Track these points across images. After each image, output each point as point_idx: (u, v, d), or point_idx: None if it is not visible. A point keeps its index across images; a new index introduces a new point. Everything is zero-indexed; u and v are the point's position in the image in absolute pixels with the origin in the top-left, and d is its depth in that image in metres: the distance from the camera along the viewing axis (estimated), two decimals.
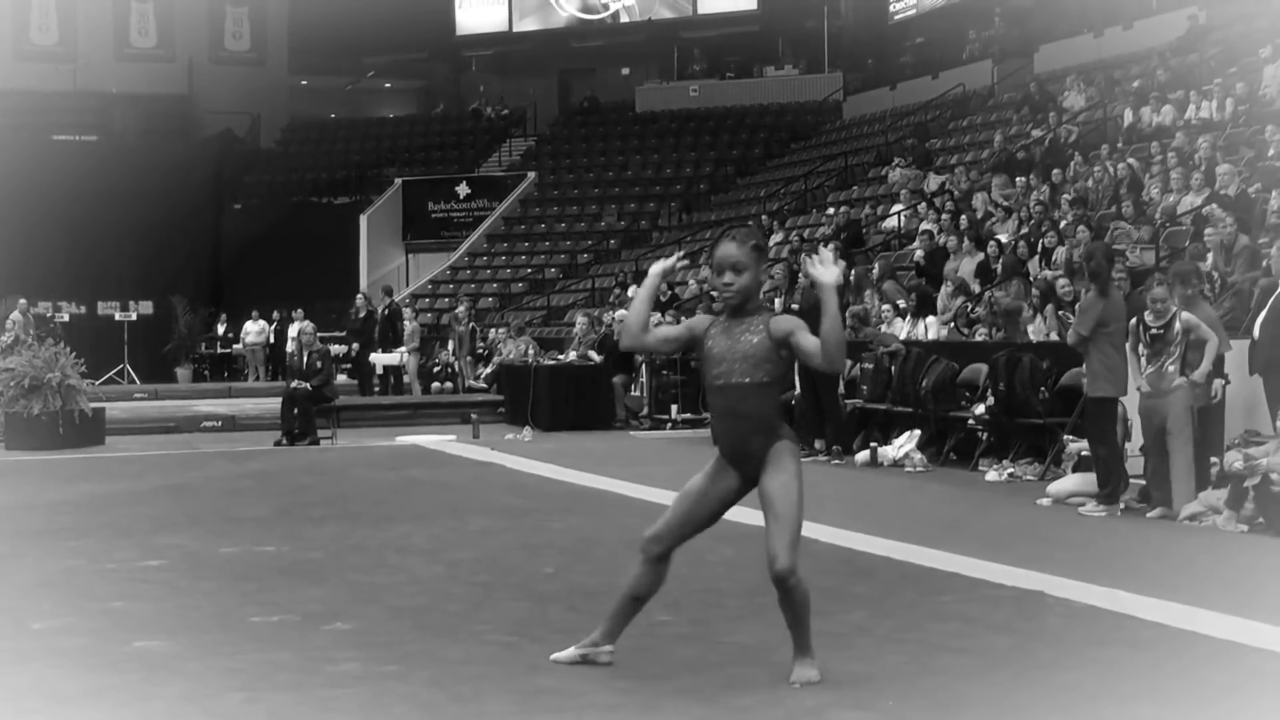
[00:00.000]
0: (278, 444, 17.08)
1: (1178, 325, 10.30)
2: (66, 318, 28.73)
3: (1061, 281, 14.77)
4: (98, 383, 20.79)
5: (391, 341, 25.57)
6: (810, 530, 6.89)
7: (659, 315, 21.70)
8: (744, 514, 9.84)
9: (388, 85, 46.91)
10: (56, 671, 5.90)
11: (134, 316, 29.16)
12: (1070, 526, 9.97)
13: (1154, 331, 10.32)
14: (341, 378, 24.17)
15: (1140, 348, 10.43)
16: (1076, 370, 11.75)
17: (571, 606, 7.12)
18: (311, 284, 27.95)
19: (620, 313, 21.39)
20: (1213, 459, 10.40)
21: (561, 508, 11.12)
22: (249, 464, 14.75)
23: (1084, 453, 11.24)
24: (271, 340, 29.26)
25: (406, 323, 24.95)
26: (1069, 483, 11.04)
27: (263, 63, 40.03)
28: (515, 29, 41.07)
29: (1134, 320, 10.54)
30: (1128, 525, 10.05)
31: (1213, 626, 6.52)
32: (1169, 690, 5.51)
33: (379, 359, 25.67)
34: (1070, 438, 11.89)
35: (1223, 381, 10.93)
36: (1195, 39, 24.43)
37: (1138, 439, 11.74)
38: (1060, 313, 14.23)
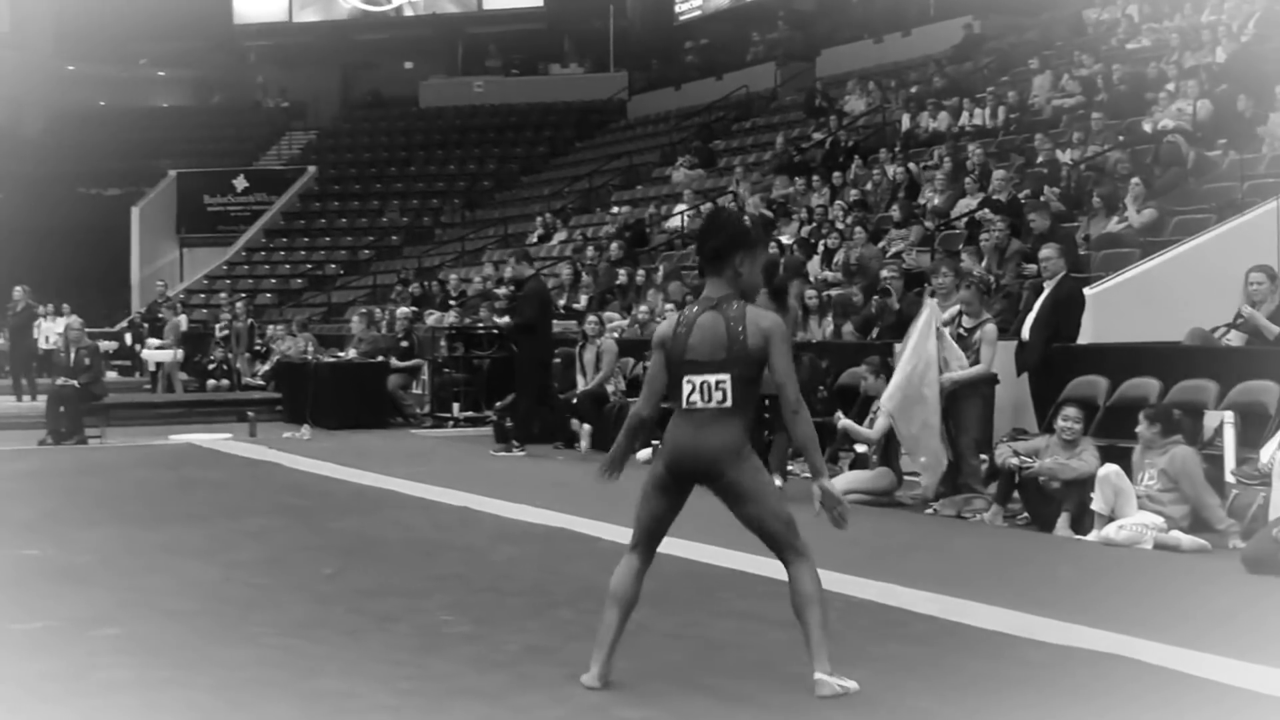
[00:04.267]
0: (42, 443, 16.47)
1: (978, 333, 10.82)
2: None
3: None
4: None
5: (161, 336, 24.88)
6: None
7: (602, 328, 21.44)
8: (528, 513, 9.76)
9: (161, 74, 45.57)
10: None
11: None
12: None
13: (961, 333, 10.75)
14: (112, 374, 23.38)
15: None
16: (855, 370, 12.00)
17: (354, 608, 7.01)
18: (81, 278, 26.97)
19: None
20: (982, 455, 10.74)
21: (341, 507, 10.93)
22: (13, 464, 14.18)
23: (859, 449, 11.48)
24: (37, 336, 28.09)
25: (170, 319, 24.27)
26: (843, 480, 11.24)
27: (24, 46, 38.51)
28: (295, 19, 40.37)
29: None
30: (894, 522, 10.30)
31: (983, 619, 6.71)
32: (938, 678, 5.66)
33: (150, 355, 24.94)
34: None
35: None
36: (970, 48, 25.22)
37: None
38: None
